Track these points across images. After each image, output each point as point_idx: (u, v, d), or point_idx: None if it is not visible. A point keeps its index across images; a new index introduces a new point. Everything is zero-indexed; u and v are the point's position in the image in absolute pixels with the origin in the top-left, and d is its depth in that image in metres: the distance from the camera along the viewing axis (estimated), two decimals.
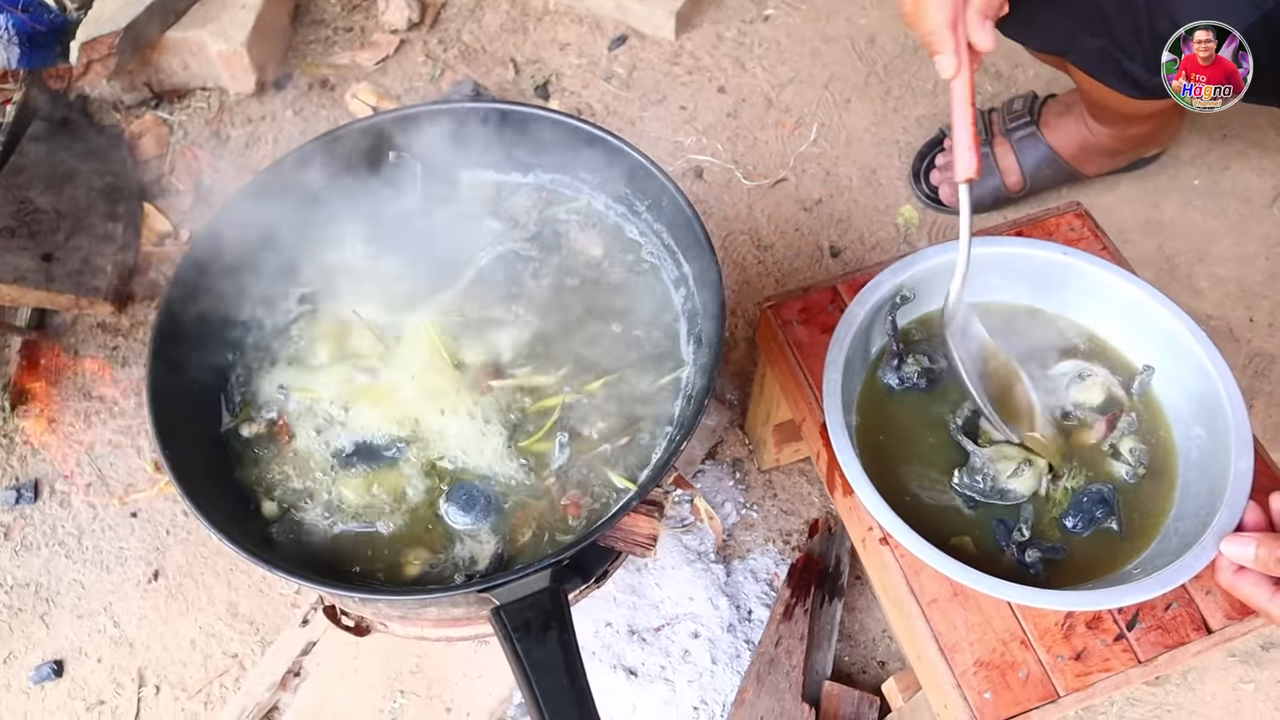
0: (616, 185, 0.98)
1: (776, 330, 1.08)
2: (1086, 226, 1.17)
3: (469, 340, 0.93)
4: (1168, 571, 0.84)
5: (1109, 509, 0.91)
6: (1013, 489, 0.94)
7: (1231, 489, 0.88)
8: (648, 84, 1.65)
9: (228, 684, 1.21)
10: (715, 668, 1.16)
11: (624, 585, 1.20)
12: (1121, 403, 0.98)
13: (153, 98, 1.67)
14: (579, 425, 0.89)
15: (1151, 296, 1.00)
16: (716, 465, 1.29)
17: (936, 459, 0.96)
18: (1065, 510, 0.93)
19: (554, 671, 0.63)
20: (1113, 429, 0.97)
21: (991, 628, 0.92)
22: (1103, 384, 1.00)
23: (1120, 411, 0.98)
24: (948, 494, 0.95)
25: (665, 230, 0.95)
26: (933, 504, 0.95)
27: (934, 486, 0.95)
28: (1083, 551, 0.93)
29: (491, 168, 1.04)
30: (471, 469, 0.87)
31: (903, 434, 0.98)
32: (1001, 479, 0.94)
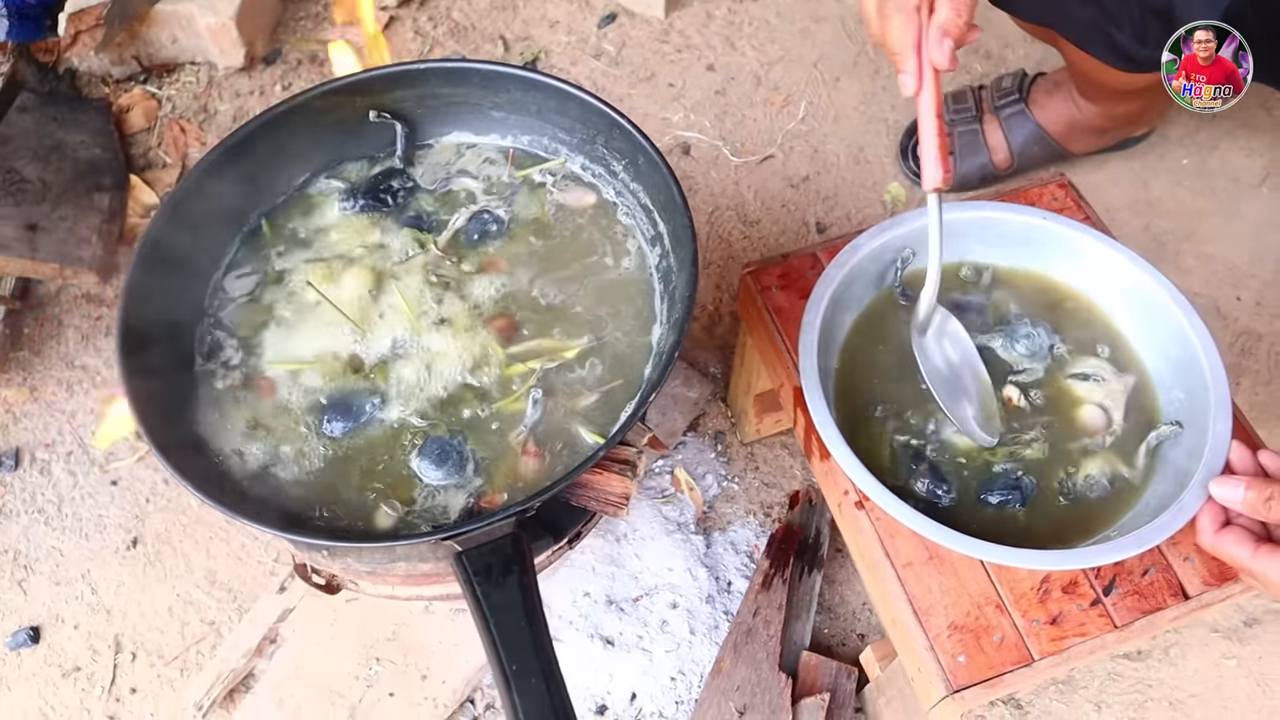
0: (593, 145, 0.98)
1: (755, 296, 1.07)
2: (1070, 197, 1.16)
3: (445, 301, 0.93)
4: (1146, 530, 0.83)
5: (1021, 497, 0.91)
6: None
7: (1209, 450, 0.87)
8: (636, 61, 1.64)
9: (204, 651, 1.20)
10: (693, 638, 1.16)
11: (603, 555, 1.20)
12: (1113, 426, 0.96)
13: (141, 71, 1.67)
14: (553, 383, 0.88)
15: (1131, 261, 0.99)
16: (698, 438, 1.29)
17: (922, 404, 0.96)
18: (986, 485, 0.92)
19: (513, 614, 0.63)
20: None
21: (966, 591, 0.92)
22: (1106, 393, 0.97)
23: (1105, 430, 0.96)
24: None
25: (642, 190, 0.95)
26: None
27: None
28: (1057, 518, 0.92)
29: (470, 129, 1.03)
30: (445, 424, 0.87)
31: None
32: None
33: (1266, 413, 1.34)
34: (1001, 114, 1.45)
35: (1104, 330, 1.01)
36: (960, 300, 1.02)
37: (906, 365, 0.98)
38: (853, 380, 0.97)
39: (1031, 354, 0.99)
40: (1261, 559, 0.75)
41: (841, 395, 0.96)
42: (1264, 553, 0.75)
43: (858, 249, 0.99)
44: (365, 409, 0.87)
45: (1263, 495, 0.76)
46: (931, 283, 0.93)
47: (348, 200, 0.99)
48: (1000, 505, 0.91)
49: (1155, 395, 0.97)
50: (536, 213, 0.99)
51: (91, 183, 1.51)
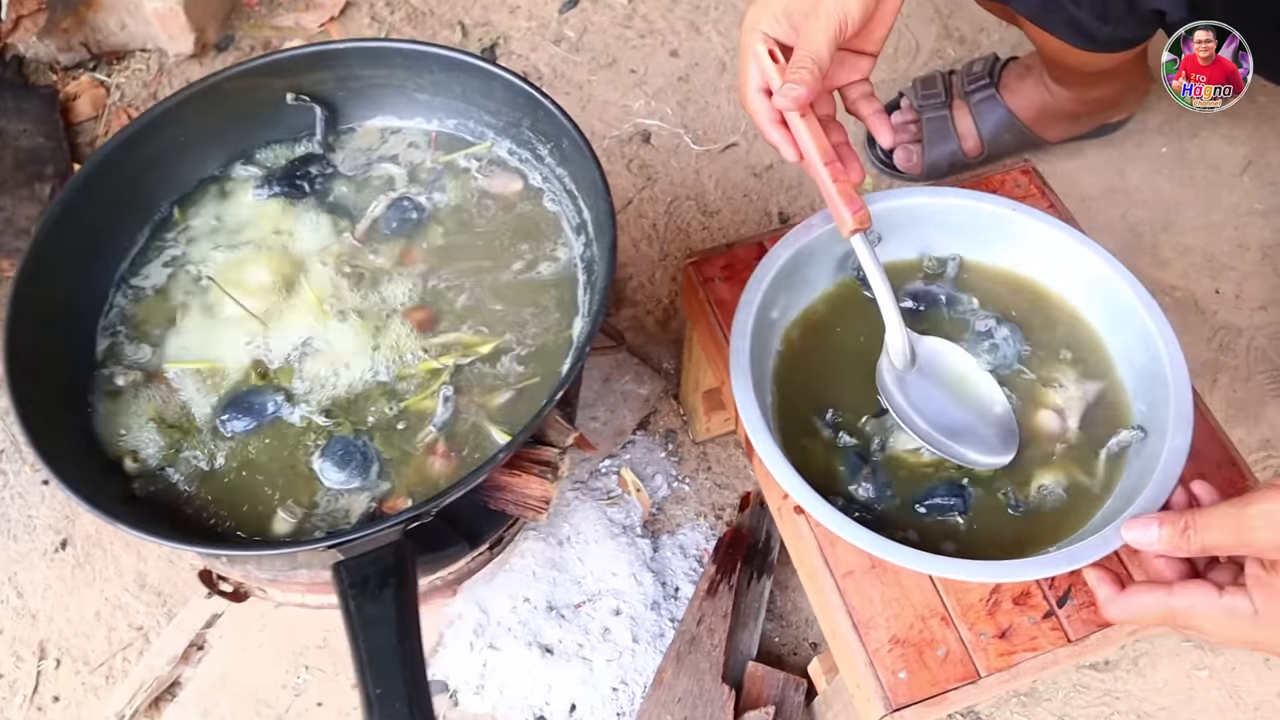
0: (519, 129, 0.93)
1: (698, 288, 1.02)
2: (1034, 184, 1.11)
3: (359, 293, 0.88)
4: (1079, 548, 0.77)
5: (961, 505, 0.85)
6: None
7: (1162, 468, 0.81)
8: (598, 47, 1.59)
9: (131, 658, 1.15)
10: (637, 647, 1.11)
11: (544, 559, 1.15)
12: (1066, 434, 0.89)
13: (90, 59, 1.62)
14: (467, 380, 0.83)
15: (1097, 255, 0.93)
16: (648, 436, 1.23)
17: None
18: (930, 492, 0.86)
19: (384, 630, 0.58)
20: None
21: (910, 603, 0.86)
22: (1063, 399, 0.91)
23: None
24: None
25: (567, 175, 0.90)
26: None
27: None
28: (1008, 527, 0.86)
29: (394, 113, 0.98)
30: (351, 424, 0.82)
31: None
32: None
33: (1244, 411, 1.28)
34: (971, 100, 1.39)
35: (1069, 330, 0.95)
36: (922, 291, 0.96)
37: (856, 360, 0.93)
38: (797, 375, 0.92)
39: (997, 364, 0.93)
40: (1181, 593, 0.67)
41: (783, 391, 0.90)
42: (1180, 587, 0.67)
43: (810, 229, 0.94)
44: (268, 407, 0.82)
45: (1178, 527, 0.68)
46: (894, 330, 0.87)
47: (263, 187, 0.94)
48: (943, 513, 0.85)
49: (1119, 403, 0.92)
50: (459, 200, 0.93)
51: (33, 172, 1.46)
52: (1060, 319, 0.95)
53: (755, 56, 0.84)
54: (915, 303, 0.95)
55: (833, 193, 0.83)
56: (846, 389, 0.91)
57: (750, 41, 0.84)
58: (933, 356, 0.91)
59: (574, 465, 1.19)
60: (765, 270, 0.89)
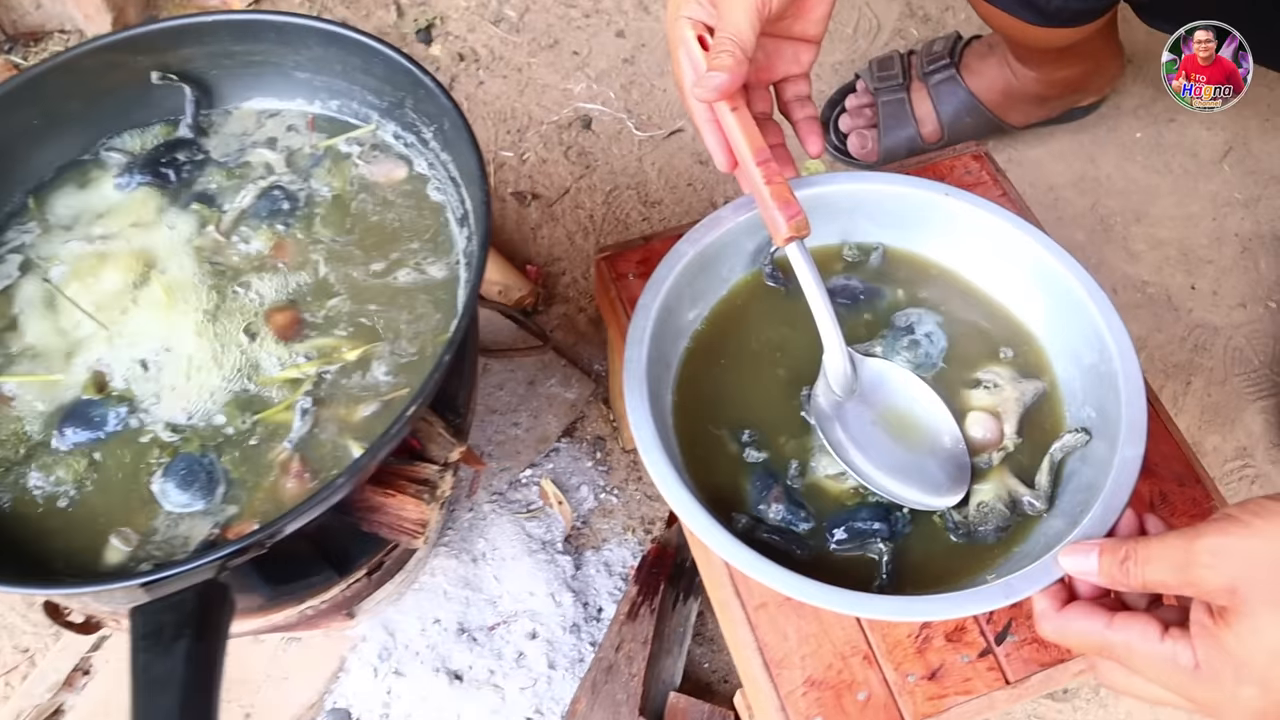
0: (403, 109, 0.84)
1: (609, 285, 0.93)
2: (986, 170, 1.02)
3: (219, 293, 0.79)
4: (1017, 579, 0.68)
5: (886, 530, 0.76)
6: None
7: (1112, 482, 0.72)
8: (540, 27, 1.50)
9: (13, 683, 1.07)
10: (553, 673, 1.02)
11: (456, 578, 1.06)
12: (1004, 441, 0.80)
13: (6, 40, 1.53)
14: (330, 391, 0.75)
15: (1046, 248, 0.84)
16: (575, 444, 1.15)
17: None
18: (851, 515, 0.77)
19: (167, 693, 0.49)
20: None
21: (830, 639, 0.78)
22: (999, 400, 0.82)
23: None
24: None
25: (451, 160, 0.81)
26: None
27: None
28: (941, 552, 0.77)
29: (273, 93, 0.89)
30: (200, 439, 0.73)
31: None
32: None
33: (1220, 416, 1.19)
34: (930, 81, 1.30)
35: (1006, 326, 0.86)
36: (840, 286, 0.88)
37: (770, 366, 0.84)
38: (705, 384, 0.83)
39: (919, 364, 0.84)
40: (1120, 628, 0.58)
41: (689, 401, 0.82)
42: (1121, 621, 0.58)
43: (719, 222, 0.85)
44: (108, 420, 0.74)
45: (1117, 557, 0.59)
46: (834, 352, 0.78)
47: (125, 176, 0.85)
48: (866, 538, 0.76)
49: (1063, 406, 0.83)
50: (338, 189, 0.85)
51: None
52: (997, 314, 0.87)
53: (685, 46, 0.76)
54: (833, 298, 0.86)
55: (765, 195, 0.74)
56: (759, 399, 0.82)
57: (678, 30, 0.76)
58: (876, 381, 0.82)
59: (491, 477, 1.10)
60: (667, 270, 0.80)
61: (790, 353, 0.84)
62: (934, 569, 0.76)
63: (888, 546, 0.75)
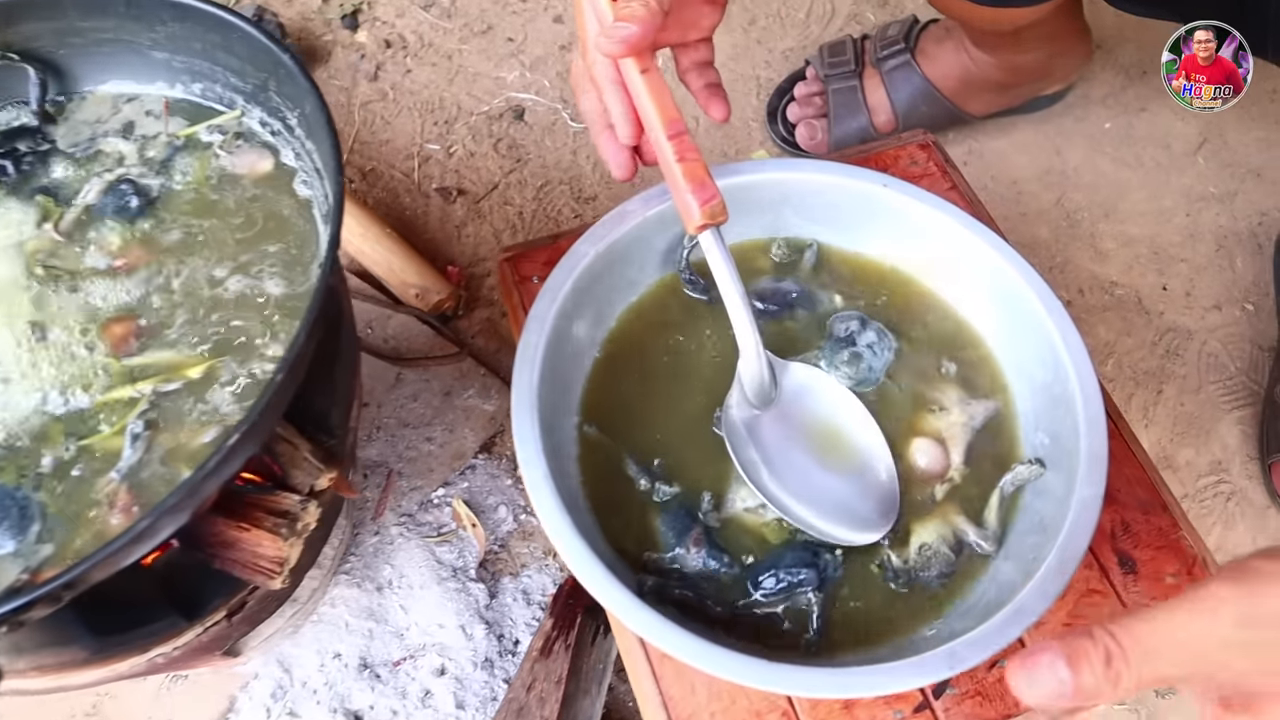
0: (267, 93, 0.75)
1: (513, 289, 0.85)
2: (933, 160, 0.93)
3: (51, 300, 0.70)
4: (961, 644, 0.59)
5: (814, 579, 0.66)
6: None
7: (1070, 526, 0.63)
8: (473, 12, 1.40)
9: None
10: (462, 713, 0.93)
11: (359, 609, 0.97)
12: (950, 471, 0.72)
13: None
14: (167, 413, 0.65)
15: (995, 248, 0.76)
16: (493, 460, 1.05)
17: None
18: (768, 563, 0.68)
19: None
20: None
21: (745, 694, 0.69)
22: (944, 425, 0.74)
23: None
24: None
25: (315, 150, 0.72)
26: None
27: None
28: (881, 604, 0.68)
29: (131, 76, 0.80)
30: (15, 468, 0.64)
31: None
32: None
33: (1194, 427, 1.10)
34: (884, 68, 1.21)
35: (953, 338, 0.78)
36: (770, 289, 0.79)
37: (686, 386, 0.75)
38: (610, 408, 0.74)
39: (860, 379, 0.75)
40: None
41: (589, 426, 0.73)
42: None
43: (625, 217, 0.76)
44: None
45: (1098, 658, 0.42)
46: (750, 355, 0.69)
47: None
48: (791, 590, 0.67)
49: (1014, 431, 0.74)
50: (195, 182, 0.75)
51: None
52: (943, 323, 0.78)
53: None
54: (762, 304, 0.77)
55: (677, 175, 0.66)
56: (673, 424, 0.73)
57: None
58: (799, 392, 0.73)
59: (400, 497, 1.01)
60: (564, 275, 0.72)
61: (710, 370, 0.75)
62: (870, 620, 0.67)
63: (817, 596, 0.66)
